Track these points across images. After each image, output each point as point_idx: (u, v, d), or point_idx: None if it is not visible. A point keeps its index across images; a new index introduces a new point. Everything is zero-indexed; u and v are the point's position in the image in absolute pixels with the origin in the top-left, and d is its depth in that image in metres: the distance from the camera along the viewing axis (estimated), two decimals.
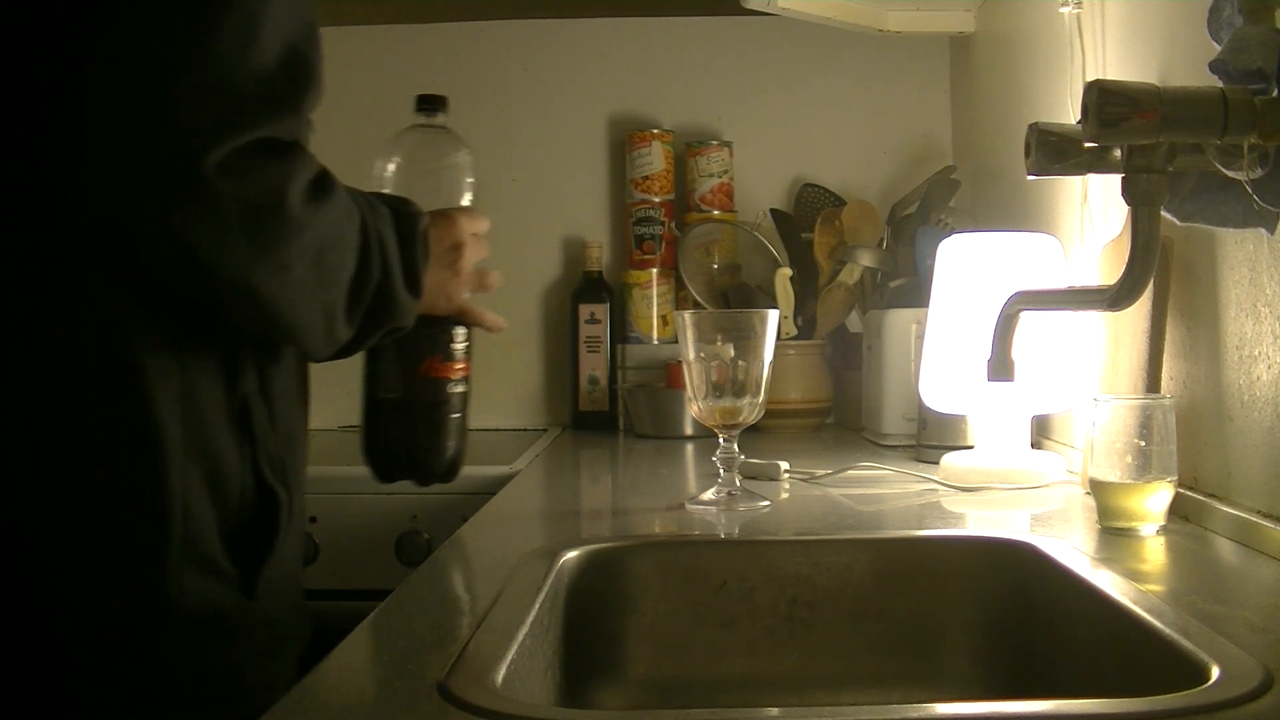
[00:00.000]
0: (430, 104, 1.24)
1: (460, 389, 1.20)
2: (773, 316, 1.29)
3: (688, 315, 1.30)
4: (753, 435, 2.09)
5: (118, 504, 0.88)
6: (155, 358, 0.89)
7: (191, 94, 0.82)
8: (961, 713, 0.78)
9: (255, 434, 0.95)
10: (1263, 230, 1.01)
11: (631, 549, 1.09)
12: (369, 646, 0.79)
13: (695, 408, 1.30)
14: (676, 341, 2.18)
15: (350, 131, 1.62)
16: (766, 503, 1.30)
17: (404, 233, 1.00)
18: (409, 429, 1.19)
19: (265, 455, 0.96)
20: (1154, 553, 1.03)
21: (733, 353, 1.27)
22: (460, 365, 1.20)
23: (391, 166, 1.19)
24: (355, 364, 1.10)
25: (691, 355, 1.29)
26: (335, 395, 1.27)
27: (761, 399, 1.29)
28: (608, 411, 2.25)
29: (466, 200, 1.20)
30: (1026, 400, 1.43)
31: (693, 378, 1.29)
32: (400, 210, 1.02)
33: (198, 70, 0.83)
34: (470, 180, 1.22)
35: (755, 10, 1.89)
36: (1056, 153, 1.08)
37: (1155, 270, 1.02)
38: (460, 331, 1.20)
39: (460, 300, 1.11)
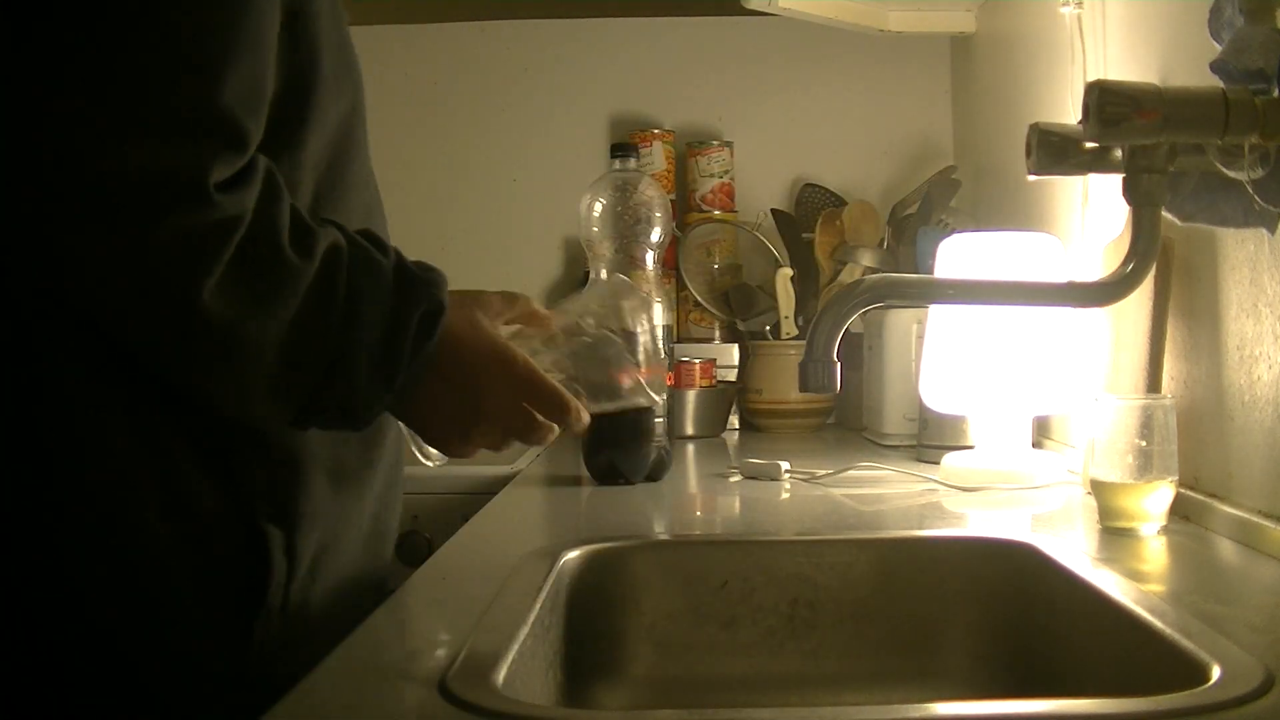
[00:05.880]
0: (623, 151, 1.53)
1: (660, 398, 1.36)
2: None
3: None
4: (753, 435, 2.09)
5: (76, 549, 0.81)
6: (90, 383, 0.81)
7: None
8: (961, 713, 0.78)
9: (229, 458, 0.84)
10: (1263, 230, 1.01)
11: (632, 549, 1.09)
12: (369, 646, 0.78)
13: None
14: (679, 341, 2.19)
15: None
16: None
17: (403, 304, 0.85)
18: (614, 435, 1.41)
19: (249, 484, 0.85)
20: (1155, 553, 1.03)
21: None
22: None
23: (598, 206, 1.46)
24: None
25: None
26: None
27: None
28: None
29: (657, 231, 1.45)
30: (1027, 400, 1.43)
31: None
32: (411, 280, 0.86)
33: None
34: (659, 215, 1.46)
35: (756, 10, 1.89)
36: (1057, 153, 1.08)
37: (1154, 270, 1.03)
38: (659, 344, 1.33)
39: (453, 450, 0.94)
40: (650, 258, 1.49)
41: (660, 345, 1.01)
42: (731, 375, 2.16)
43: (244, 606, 0.85)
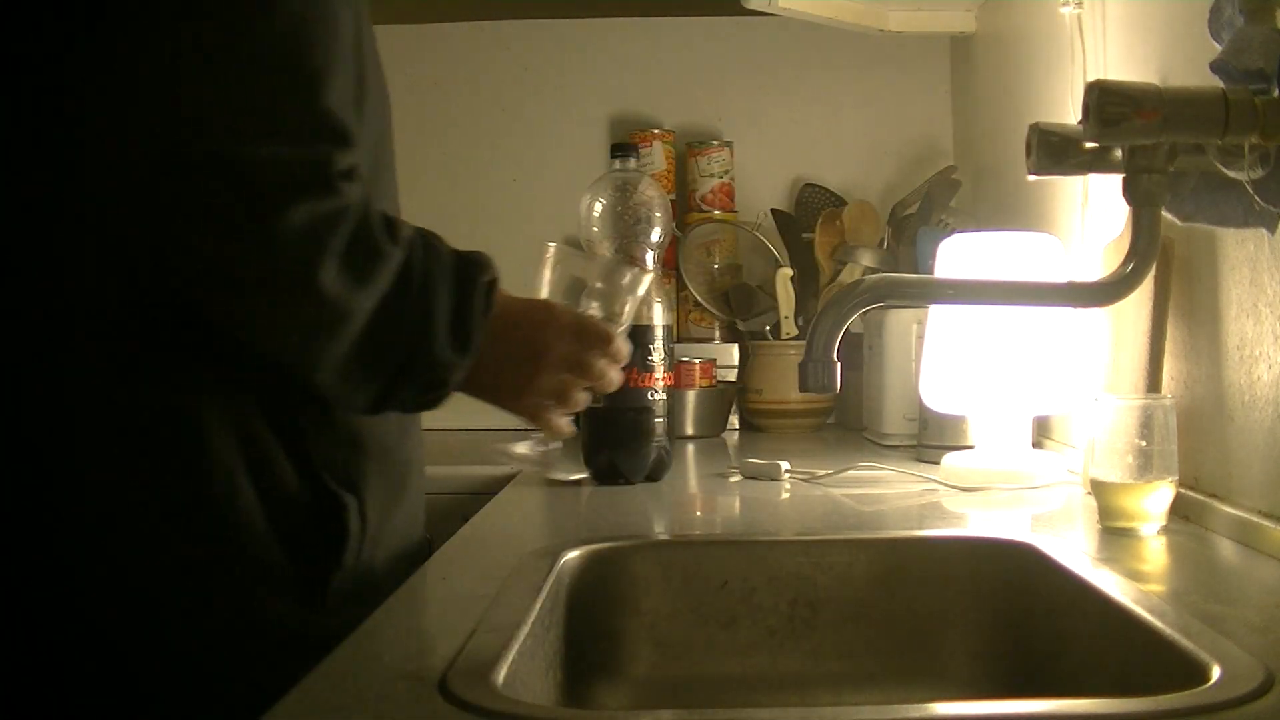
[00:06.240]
0: (623, 151, 1.53)
1: (660, 397, 1.45)
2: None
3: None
4: (753, 435, 2.09)
5: (163, 513, 0.88)
6: (183, 364, 0.89)
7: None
8: (962, 713, 0.78)
9: (305, 439, 0.93)
10: (1263, 230, 1.01)
11: (632, 549, 1.09)
12: (369, 646, 0.78)
13: None
14: (680, 341, 2.19)
15: None
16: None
17: (463, 282, 0.95)
18: (614, 435, 1.45)
19: (322, 460, 0.94)
20: (1155, 553, 1.03)
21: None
22: (659, 376, 1.45)
23: (598, 206, 1.48)
24: None
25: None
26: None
27: None
28: None
29: (657, 231, 1.46)
30: (1027, 400, 1.43)
31: None
32: (466, 260, 0.97)
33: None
34: (659, 215, 1.47)
35: (756, 10, 1.89)
36: (1057, 153, 1.08)
37: (1154, 270, 1.03)
38: (659, 344, 1.44)
39: (529, 407, 1.05)
40: (650, 258, 1.49)
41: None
42: (731, 375, 2.16)
43: (323, 565, 0.93)
